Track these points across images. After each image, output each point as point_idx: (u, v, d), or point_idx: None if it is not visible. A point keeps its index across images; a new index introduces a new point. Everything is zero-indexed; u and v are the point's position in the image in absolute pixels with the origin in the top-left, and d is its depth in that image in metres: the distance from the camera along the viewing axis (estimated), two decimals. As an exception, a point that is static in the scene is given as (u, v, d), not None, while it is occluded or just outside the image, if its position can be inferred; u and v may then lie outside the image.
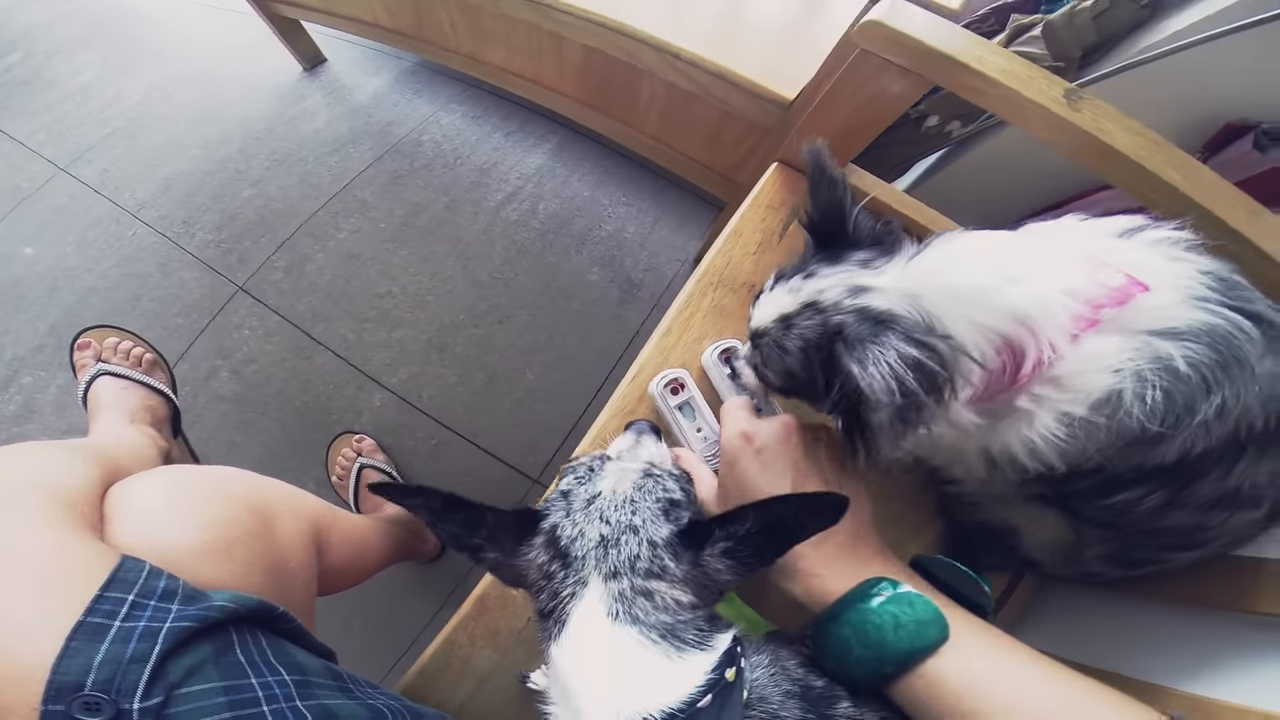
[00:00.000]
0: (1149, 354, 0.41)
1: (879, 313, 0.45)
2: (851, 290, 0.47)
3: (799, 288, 0.50)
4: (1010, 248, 0.47)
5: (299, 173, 1.67)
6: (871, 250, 0.50)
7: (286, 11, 1.68)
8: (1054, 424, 0.44)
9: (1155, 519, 0.47)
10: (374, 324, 1.44)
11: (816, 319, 0.48)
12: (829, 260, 0.51)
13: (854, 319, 0.45)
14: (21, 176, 1.73)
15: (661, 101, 1.21)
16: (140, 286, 1.51)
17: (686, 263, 1.51)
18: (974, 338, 0.43)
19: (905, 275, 0.47)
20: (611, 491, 0.45)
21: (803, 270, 0.51)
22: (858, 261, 0.50)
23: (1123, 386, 0.41)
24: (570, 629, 0.40)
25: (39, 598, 0.36)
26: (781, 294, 0.52)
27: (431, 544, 1.17)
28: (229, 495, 0.54)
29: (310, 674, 0.45)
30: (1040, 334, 0.42)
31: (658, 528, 0.43)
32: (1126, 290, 0.42)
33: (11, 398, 1.39)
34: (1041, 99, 0.57)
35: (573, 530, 0.43)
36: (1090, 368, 0.42)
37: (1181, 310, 0.41)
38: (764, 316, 0.53)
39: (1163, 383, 0.40)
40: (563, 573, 0.42)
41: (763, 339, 0.53)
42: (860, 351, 0.42)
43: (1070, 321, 0.42)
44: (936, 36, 0.59)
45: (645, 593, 0.40)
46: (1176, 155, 0.56)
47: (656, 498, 0.45)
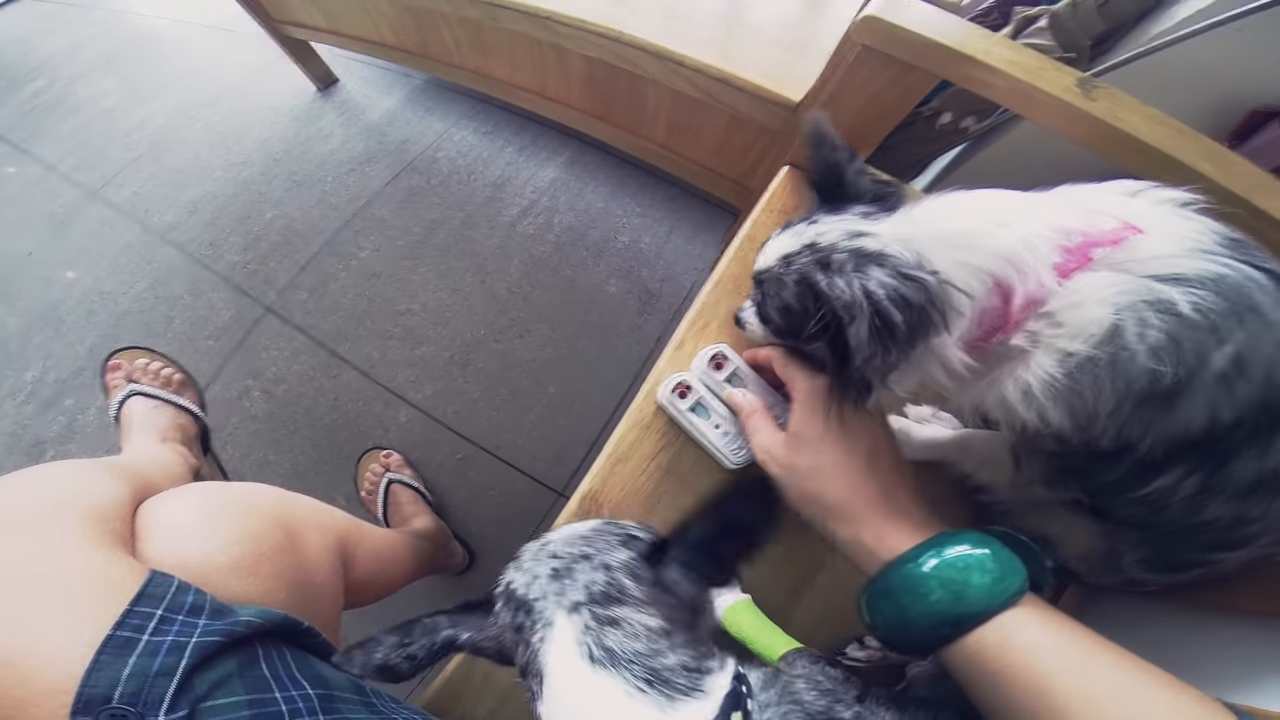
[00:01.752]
0: (1149, 295, 0.39)
1: (871, 252, 0.45)
2: (849, 234, 0.48)
3: (802, 231, 0.52)
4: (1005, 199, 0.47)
5: (318, 193, 1.70)
6: (873, 205, 0.51)
7: (295, 33, 1.71)
8: (1050, 363, 0.42)
9: (1192, 512, 0.45)
10: (397, 341, 1.47)
11: (815, 256, 0.49)
12: (832, 210, 0.52)
13: (846, 256, 0.46)
14: (56, 202, 1.79)
15: (668, 109, 1.21)
16: (172, 309, 1.56)
17: (704, 271, 1.52)
18: (963, 276, 0.43)
19: (900, 223, 0.48)
20: (559, 536, 0.46)
21: (808, 218, 0.53)
22: (859, 212, 0.51)
23: (1122, 322, 0.39)
24: (549, 678, 0.38)
25: (70, 612, 0.37)
26: (786, 237, 0.53)
27: (459, 557, 1.20)
28: (256, 511, 0.55)
29: (335, 688, 0.45)
30: (1026, 270, 0.42)
31: (612, 554, 0.43)
32: (1119, 232, 0.41)
33: (55, 419, 1.45)
34: (1054, 89, 0.56)
35: (526, 578, 0.43)
36: (1084, 300, 0.41)
37: (1187, 260, 0.39)
38: (768, 258, 0.54)
39: (1165, 325, 0.38)
40: (529, 620, 0.40)
41: (764, 276, 0.55)
42: (836, 274, 0.44)
43: (1056, 254, 0.42)
44: (936, 29, 0.59)
45: (611, 621, 0.38)
46: (1205, 144, 0.55)
47: (613, 533, 0.46)
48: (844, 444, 0.51)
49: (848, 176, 0.54)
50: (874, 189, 0.53)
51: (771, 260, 0.53)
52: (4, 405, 1.47)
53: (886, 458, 0.53)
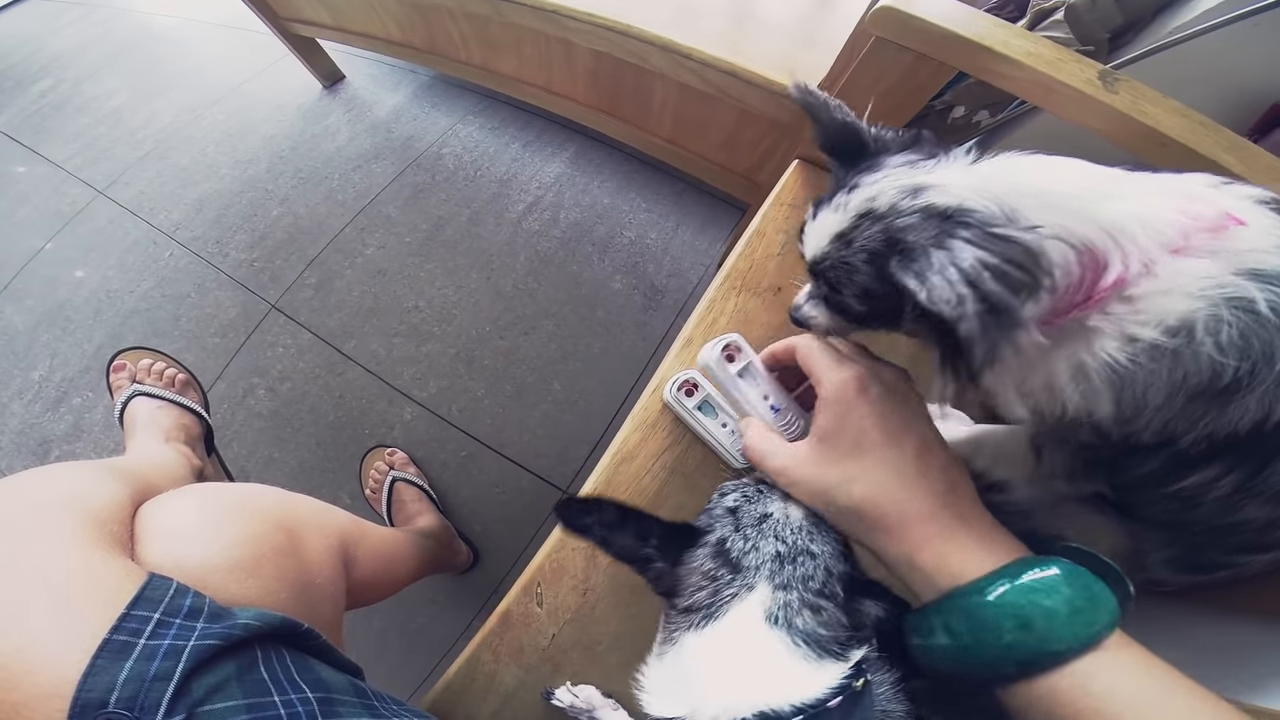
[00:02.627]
0: (1232, 289, 0.37)
1: (947, 208, 0.39)
2: (908, 191, 0.41)
3: (845, 202, 0.44)
4: (1097, 171, 0.42)
5: (325, 190, 1.70)
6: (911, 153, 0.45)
7: (301, 30, 1.71)
8: (1114, 346, 0.39)
9: (1226, 513, 0.43)
10: (403, 339, 1.46)
11: (877, 227, 0.42)
12: (868, 170, 0.45)
13: (919, 219, 0.40)
14: (63, 200, 1.80)
15: (675, 103, 1.20)
16: (179, 307, 1.56)
17: (710, 267, 1.50)
18: (1059, 237, 0.38)
19: (970, 173, 0.41)
20: (785, 515, 0.46)
21: (843, 187, 0.46)
22: (903, 164, 0.44)
23: (1198, 315, 0.37)
24: (721, 622, 0.40)
25: (67, 616, 0.37)
26: (828, 215, 0.46)
27: (464, 555, 1.20)
28: (256, 513, 0.54)
29: (335, 691, 0.45)
30: (1132, 248, 0.38)
31: (836, 561, 0.44)
32: (1222, 220, 0.38)
33: (62, 417, 1.45)
34: (1074, 81, 0.55)
35: (744, 545, 0.43)
36: (1174, 288, 0.37)
37: (1272, 255, 0.37)
38: (817, 242, 0.47)
39: (1240, 322, 0.36)
40: (730, 576, 0.42)
41: (823, 264, 0.47)
42: (920, 261, 0.37)
43: (1165, 238, 0.38)
44: (954, 20, 0.58)
45: (814, 608, 0.40)
46: (1228, 137, 0.54)
47: (834, 537, 0.45)
48: (886, 444, 0.44)
49: (865, 131, 0.48)
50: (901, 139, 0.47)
51: (825, 243, 0.46)
52: (12, 404, 1.48)
53: (939, 455, 0.45)
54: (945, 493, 0.43)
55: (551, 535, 0.71)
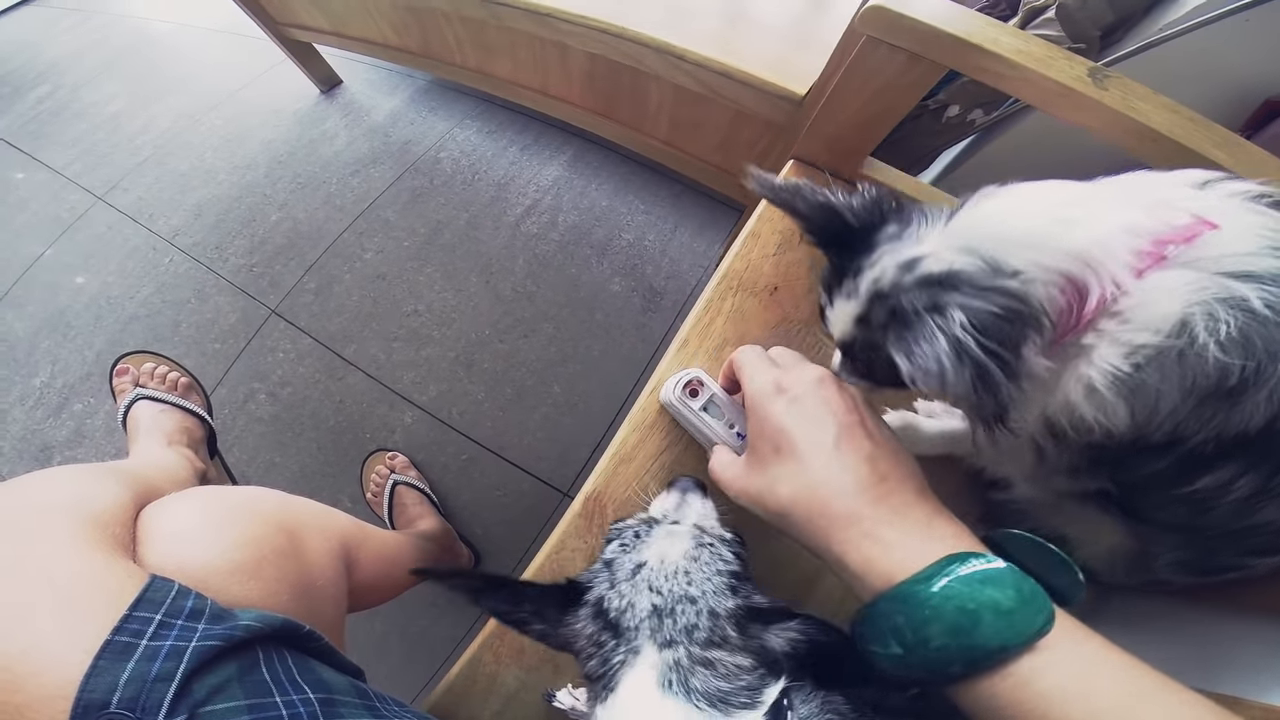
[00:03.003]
0: (1222, 291, 0.37)
1: (939, 275, 0.41)
2: (903, 266, 0.43)
3: (855, 288, 0.47)
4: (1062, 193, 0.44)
5: (323, 195, 1.71)
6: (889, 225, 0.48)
7: (298, 35, 1.71)
8: (1116, 355, 0.40)
9: (1243, 516, 0.43)
10: (402, 343, 1.47)
11: (887, 306, 0.44)
12: (863, 251, 0.48)
13: (917, 291, 0.42)
14: (62, 206, 1.80)
15: (671, 105, 1.20)
16: (179, 313, 1.56)
17: (708, 269, 1.51)
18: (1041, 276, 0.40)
19: (950, 233, 0.44)
20: (659, 561, 0.44)
21: (849, 270, 0.48)
22: (888, 239, 0.46)
23: (1193, 317, 0.37)
24: (618, 694, 0.39)
25: (69, 618, 0.37)
26: (844, 302, 0.49)
27: (465, 558, 1.20)
28: (258, 515, 0.54)
29: (336, 693, 0.45)
30: (1102, 270, 0.39)
31: (721, 599, 0.42)
32: (1193, 228, 0.39)
33: (64, 423, 1.46)
34: (1064, 79, 0.55)
35: (620, 602, 0.42)
36: (1156, 298, 0.39)
37: (1259, 258, 0.38)
38: (842, 327, 0.50)
39: (1238, 320, 0.36)
40: (613, 641, 0.41)
41: (853, 347, 0.50)
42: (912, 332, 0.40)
43: (1132, 255, 0.39)
44: (943, 18, 0.58)
45: (705, 662, 0.39)
46: (1219, 133, 0.54)
47: (717, 569, 0.44)
48: (804, 442, 0.43)
49: (844, 207, 0.50)
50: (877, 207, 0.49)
51: (849, 327, 0.49)
52: (13, 410, 1.48)
53: (863, 446, 0.43)
54: (873, 485, 0.41)
55: (551, 537, 0.71)
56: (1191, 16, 0.75)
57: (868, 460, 0.42)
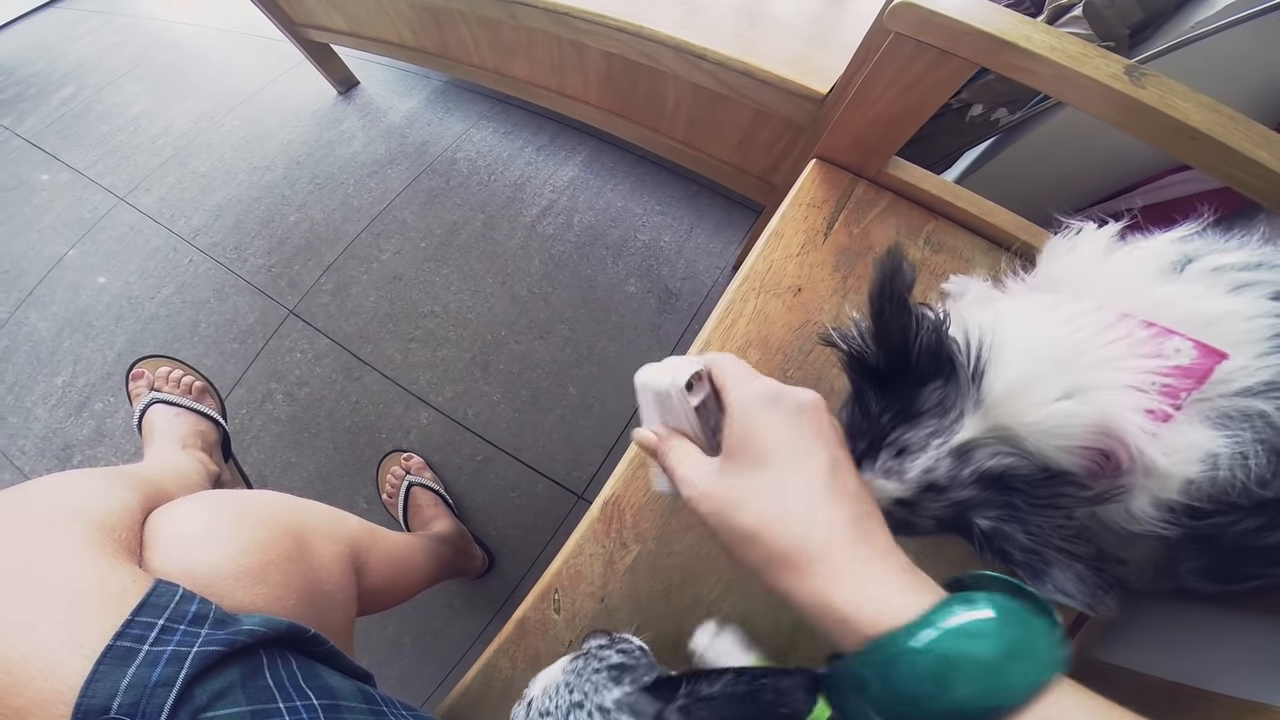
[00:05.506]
0: (1241, 417, 0.39)
1: (998, 474, 0.43)
2: (956, 456, 0.44)
3: (899, 469, 0.45)
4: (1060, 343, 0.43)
5: (340, 196, 1.71)
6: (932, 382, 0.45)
7: (316, 36, 1.72)
8: (1147, 505, 0.42)
9: (1254, 538, 0.44)
10: (419, 344, 1.47)
11: (942, 500, 0.45)
12: (899, 418, 0.46)
13: (978, 492, 0.43)
14: (85, 207, 1.82)
15: (689, 105, 1.19)
16: (198, 313, 1.58)
17: (725, 270, 1.49)
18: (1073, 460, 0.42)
19: (988, 416, 0.44)
20: (542, 689, 0.46)
21: (885, 438, 0.46)
22: (933, 413, 0.45)
23: (1218, 463, 0.39)
24: None
25: (72, 622, 0.37)
26: (880, 480, 0.46)
27: (479, 560, 1.20)
28: (265, 519, 0.54)
29: (341, 697, 0.45)
30: (1123, 439, 0.41)
31: (606, 693, 0.42)
32: (1203, 367, 0.39)
33: (85, 422, 1.47)
34: (1101, 76, 0.54)
35: None
36: (1177, 459, 0.40)
37: (1264, 361, 0.39)
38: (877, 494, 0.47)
39: (1263, 439, 0.38)
40: None
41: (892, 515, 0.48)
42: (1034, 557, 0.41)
43: (1146, 423, 0.40)
44: (974, 15, 0.57)
45: None
46: (1260, 131, 0.52)
47: (594, 669, 0.45)
48: (794, 460, 0.38)
49: (914, 347, 0.45)
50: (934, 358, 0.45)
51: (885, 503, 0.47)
52: (36, 409, 1.50)
53: (851, 480, 0.39)
54: (858, 521, 0.36)
55: (569, 542, 0.70)
56: (1223, 15, 0.73)
57: (853, 498, 0.37)
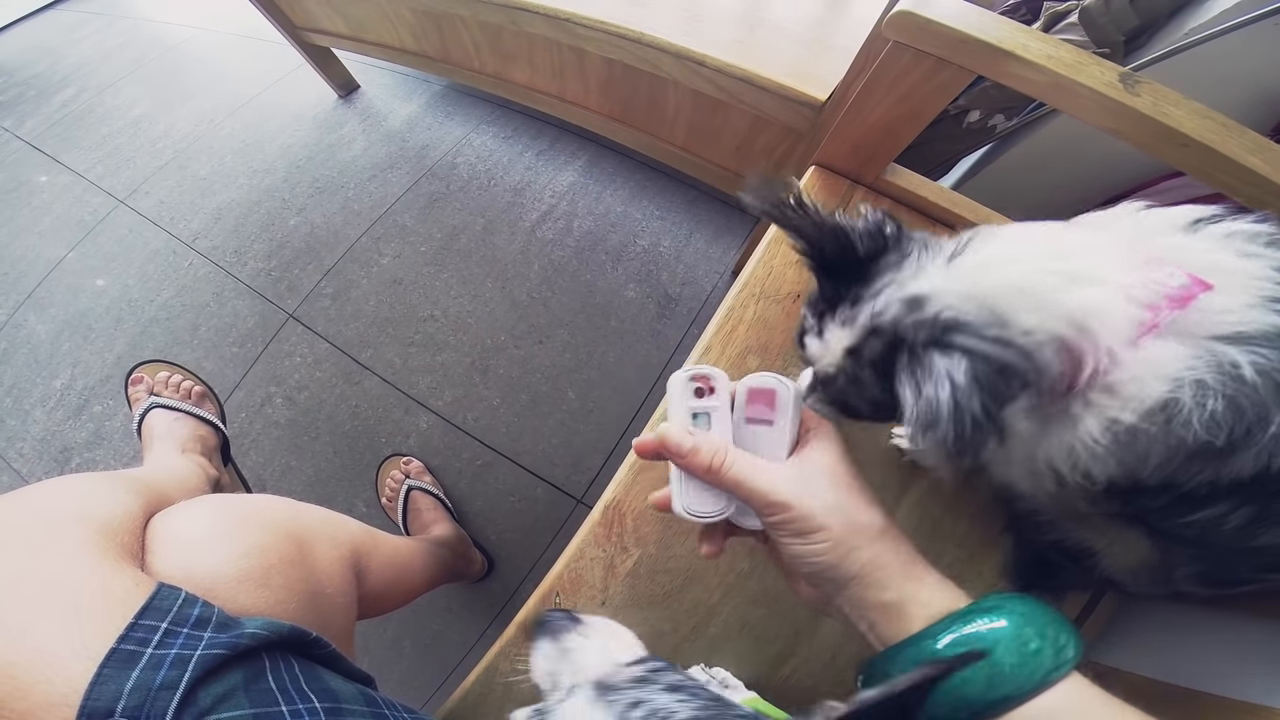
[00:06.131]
0: (1211, 360, 0.38)
1: (945, 321, 0.40)
2: (908, 303, 0.43)
3: (851, 318, 0.46)
4: (1063, 242, 0.44)
5: (341, 200, 1.72)
6: (890, 254, 0.47)
7: (317, 40, 1.73)
8: (1098, 431, 0.41)
9: (1245, 539, 0.43)
10: (418, 348, 1.47)
11: (883, 342, 0.44)
12: (861, 279, 0.47)
13: (922, 334, 0.41)
14: (85, 209, 1.83)
15: (688, 111, 1.20)
16: (198, 316, 1.58)
17: (724, 275, 1.50)
18: (1044, 338, 0.39)
19: (954, 275, 0.43)
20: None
21: (845, 298, 0.47)
22: (889, 268, 0.46)
23: (1180, 395, 0.38)
24: None
25: (75, 625, 0.37)
26: (836, 329, 0.47)
27: (479, 564, 1.20)
28: (266, 523, 0.55)
29: (343, 700, 0.45)
30: (1099, 339, 0.39)
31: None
32: (1187, 291, 0.38)
33: (84, 425, 1.47)
34: (1095, 84, 0.55)
35: None
36: (1145, 374, 0.39)
37: (1251, 313, 0.38)
38: (830, 356, 0.48)
39: (1226, 390, 0.37)
40: None
41: (835, 376, 0.48)
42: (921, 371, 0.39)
43: (1129, 326, 0.39)
44: (973, 23, 0.57)
45: None
46: (1252, 138, 0.53)
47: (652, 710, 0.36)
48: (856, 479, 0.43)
49: (854, 231, 0.47)
50: (880, 233, 0.48)
51: (836, 356, 0.47)
52: (34, 412, 1.50)
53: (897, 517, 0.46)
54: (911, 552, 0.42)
55: (570, 545, 0.70)
56: (1219, 21, 0.74)
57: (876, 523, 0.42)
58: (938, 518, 0.70)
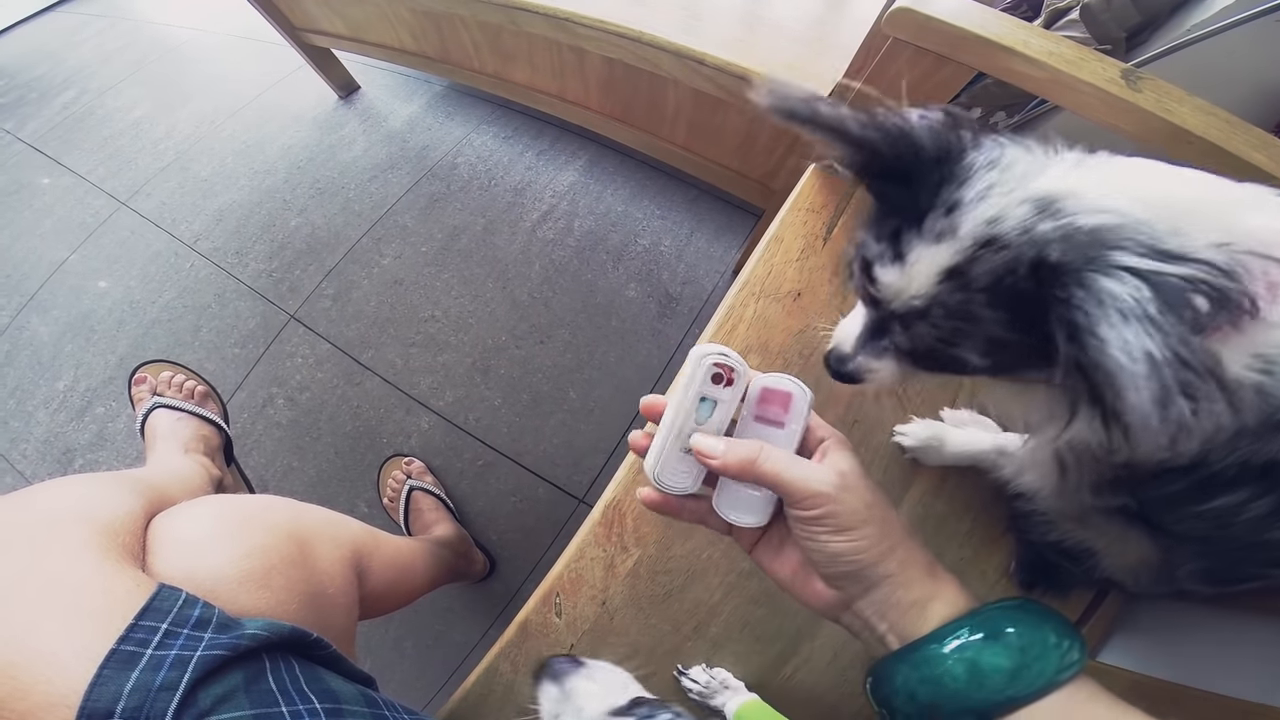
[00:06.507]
0: None
1: (1107, 229, 0.31)
2: (1041, 205, 0.33)
3: (949, 227, 0.36)
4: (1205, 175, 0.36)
5: (341, 200, 1.72)
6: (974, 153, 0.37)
7: (317, 41, 1.73)
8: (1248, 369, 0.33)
9: (1259, 531, 0.41)
10: (419, 348, 1.47)
11: (1006, 257, 0.33)
12: (938, 185, 0.37)
13: (1067, 246, 0.31)
14: (87, 211, 1.83)
15: (689, 110, 1.20)
16: (199, 318, 1.58)
17: (725, 274, 1.50)
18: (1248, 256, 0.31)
19: (1101, 178, 0.35)
20: None
21: (934, 206, 0.37)
22: (986, 167, 0.36)
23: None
24: None
25: (75, 626, 0.37)
26: (925, 247, 0.37)
27: (480, 564, 1.20)
28: (268, 524, 0.55)
29: (344, 701, 0.45)
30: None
31: None
32: None
33: (86, 426, 1.48)
34: (1097, 80, 0.55)
35: None
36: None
37: None
38: (917, 283, 0.38)
39: None
40: None
41: (927, 311, 0.38)
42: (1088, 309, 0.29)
43: None
44: (972, 20, 0.58)
45: None
46: (1256, 134, 0.53)
47: None
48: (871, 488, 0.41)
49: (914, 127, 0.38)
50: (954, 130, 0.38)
51: (928, 284, 0.37)
52: (37, 413, 1.50)
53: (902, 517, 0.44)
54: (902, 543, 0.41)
55: (570, 546, 0.70)
56: (1220, 18, 0.73)
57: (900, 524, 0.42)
58: (941, 516, 0.70)
